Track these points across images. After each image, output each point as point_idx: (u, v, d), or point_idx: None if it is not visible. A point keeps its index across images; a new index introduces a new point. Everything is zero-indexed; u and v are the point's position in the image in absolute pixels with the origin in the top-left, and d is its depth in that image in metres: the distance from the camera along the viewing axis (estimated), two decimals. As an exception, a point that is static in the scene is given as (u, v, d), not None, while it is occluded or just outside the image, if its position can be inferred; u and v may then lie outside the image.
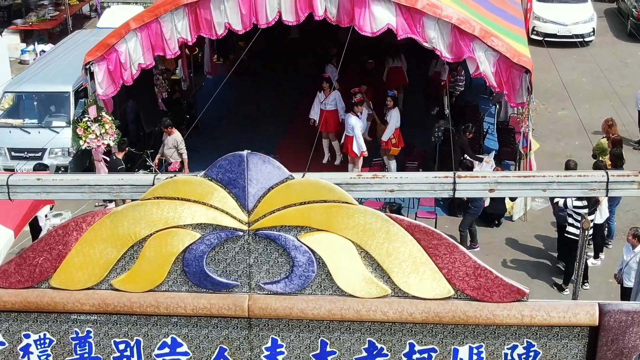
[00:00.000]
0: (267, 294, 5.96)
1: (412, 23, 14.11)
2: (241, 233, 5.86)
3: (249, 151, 5.80)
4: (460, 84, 17.72)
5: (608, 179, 5.72)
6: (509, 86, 14.05)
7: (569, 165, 13.33)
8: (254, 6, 14.39)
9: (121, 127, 16.84)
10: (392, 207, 12.05)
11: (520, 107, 14.34)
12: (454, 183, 5.78)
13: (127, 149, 15.24)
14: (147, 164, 16.43)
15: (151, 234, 5.90)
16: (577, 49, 23.48)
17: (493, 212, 14.58)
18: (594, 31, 24.29)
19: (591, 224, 11.92)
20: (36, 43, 23.68)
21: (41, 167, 14.34)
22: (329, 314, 5.89)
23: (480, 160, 14.87)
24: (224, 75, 21.99)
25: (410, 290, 5.82)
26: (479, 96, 18.43)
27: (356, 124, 15.27)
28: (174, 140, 15.51)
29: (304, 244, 5.82)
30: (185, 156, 15.60)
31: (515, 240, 14.44)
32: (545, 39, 23.34)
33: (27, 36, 24.92)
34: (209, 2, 14.44)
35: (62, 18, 25.06)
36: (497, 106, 17.37)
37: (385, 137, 15.67)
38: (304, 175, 5.83)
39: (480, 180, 5.77)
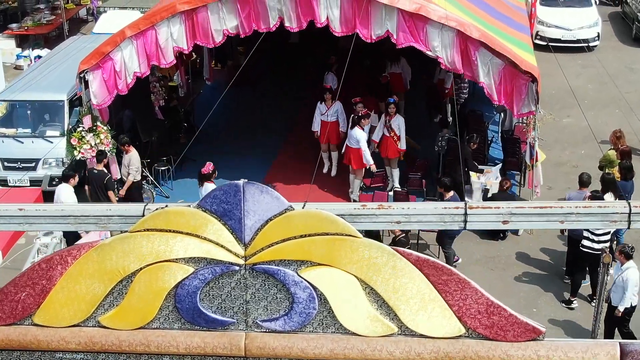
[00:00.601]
0: (265, 332, 5.59)
1: (414, 30, 13.71)
2: (237, 267, 5.49)
3: (246, 180, 5.43)
4: (464, 91, 17.34)
5: (630, 210, 5.34)
6: (513, 95, 13.65)
7: (583, 179, 12.92)
8: (254, 12, 13.99)
9: (117, 136, 16.50)
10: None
11: (525, 118, 13.94)
12: (465, 214, 5.41)
13: (106, 159, 14.48)
14: (144, 174, 16.08)
15: (141, 268, 5.54)
16: (582, 54, 23.11)
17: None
18: (598, 36, 23.90)
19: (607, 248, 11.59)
20: (31, 49, 23.26)
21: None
22: (331, 353, 5.52)
23: (482, 171, 14.47)
24: (223, 81, 21.73)
25: (418, 328, 5.46)
26: (482, 104, 18.00)
27: (362, 137, 14.82)
28: (129, 159, 14.69)
29: (305, 279, 5.46)
30: (131, 178, 14.72)
31: (520, 254, 14.04)
32: (550, 44, 22.97)
33: (23, 41, 24.52)
34: (206, 8, 14.04)
35: (59, 22, 24.65)
36: (502, 115, 16.97)
37: (403, 146, 15.29)
38: (304, 205, 5.46)
39: (494, 211, 5.39)
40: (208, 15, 14.05)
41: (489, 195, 14.36)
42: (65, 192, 13.39)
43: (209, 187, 13.77)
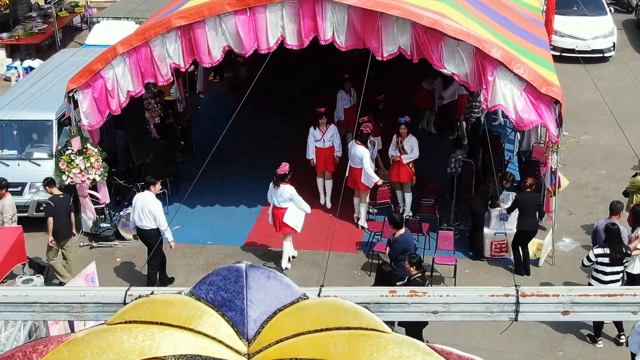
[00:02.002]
0: None
1: (428, 46, 12.75)
2: (239, 367, 4.49)
3: (248, 263, 4.44)
4: (477, 110, 16.31)
5: None
6: (537, 118, 12.69)
7: (614, 207, 11.92)
8: (254, 30, 13.03)
9: (110, 155, 15.53)
10: (412, 259, 10.65)
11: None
12: (517, 303, 4.42)
13: (57, 185, 13.21)
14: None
15: (122, 368, 4.52)
16: (597, 65, 22.16)
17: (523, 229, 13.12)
18: (614, 46, 22.91)
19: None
20: (21, 60, 22.24)
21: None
22: None
23: (509, 212, 13.34)
24: (221, 93, 20.71)
25: None
26: (496, 122, 17.07)
27: (365, 154, 13.85)
28: (1, 205, 12.86)
29: (321, 384, 4.45)
30: (7, 225, 12.61)
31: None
32: (563, 54, 22.03)
33: (14, 50, 23.53)
34: (204, 24, 13.08)
35: (51, 31, 23.67)
36: (519, 134, 15.99)
37: (406, 160, 14.31)
38: (319, 292, 4.47)
39: (552, 299, 4.40)
40: (206, 31, 13.10)
41: (507, 207, 13.30)
42: (152, 200, 12.67)
43: (285, 189, 13.01)
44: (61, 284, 12.63)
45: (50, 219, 12.70)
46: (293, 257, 13.75)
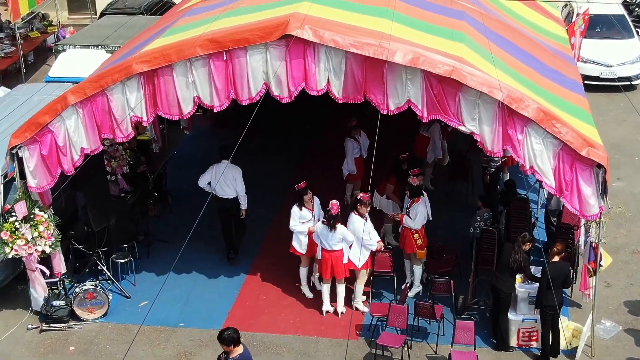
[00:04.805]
0: None
1: (443, 99, 10.50)
2: None
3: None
4: (496, 158, 13.89)
5: None
6: (575, 185, 10.45)
7: None
8: (231, 77, 10.77)
9: (69, 211, 13.31)
10: None
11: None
12: None
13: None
14: (99, 267, 12.84)
15: None
16: (624, 95, 19.82)
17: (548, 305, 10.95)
18: (643, 72, 20.59)
19: None
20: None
21: None
22: None
23: (536, 279, 11.22)
24: (203, 129, 18.26)
25: None
26: (519, 173, 14.75)
27: (359, 228, 11.55)
28: None
29: None
30: None
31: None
32: (585, 82, 19.68)
33: (-21, 76, 21.25)
34: (171, 70, 10.81)
35: (17, 57, 21.39)
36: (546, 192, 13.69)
37: (408, 224, 12.10)
38: None
39: None
40: (173, 78, 10.83)
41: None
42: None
43: (340, 229, 11.46)
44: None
45: None
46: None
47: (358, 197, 11.74)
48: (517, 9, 14.91)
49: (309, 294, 12.47)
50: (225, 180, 12.67)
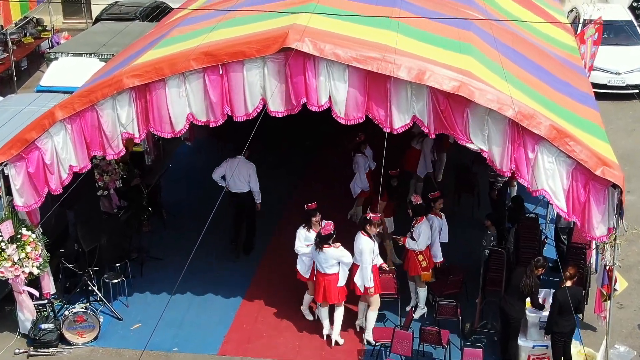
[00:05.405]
0: None
1: (450, 115, 9.97)
2: None
3: None
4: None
5: None
6: (588, 206, 9.91)
7: None
8: (227, 92, 10.24)
9: (59, 229, 12.77)
10: None
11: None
12: None
13: None
14: (89, 288, 12.31)
15: None
16: (633, 103, 19.30)
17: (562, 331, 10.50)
18: (652, 80, 20.04)
19: None
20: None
21: None
22: None
23: (542, 307, 10.72)
24: (200, 139, 17.61)
25: None
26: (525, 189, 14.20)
27: (365, 248, 11.00)
28: None
29: None
30: None
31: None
32: (593, 90, 19.13)
33: (-30, 84, 20.75)
34: (163, 84, 10.28)
35: (9, 64, 20.86)
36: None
37: (409, 246, 11.55)
38: None
39: None
40: (166, 93, 10.30)
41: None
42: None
43: (329, 252, 10.79)
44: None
45: None
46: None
47: (368, 217, 11.11)
48: (525, 16, 14.38)
49: (309, 317, 11.92)
50: (239, 176, 12.72)
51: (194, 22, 12.07)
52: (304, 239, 11.38)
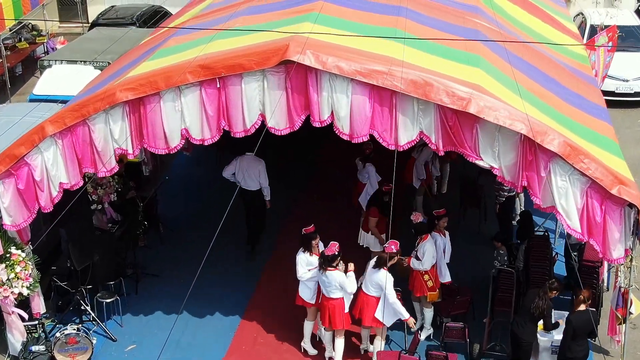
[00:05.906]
0: None
1: (459, 131, 9.51)
2: None
3: None
4: (506, 187, 12.78)
5: None
6: (603, 227, 9.45)
7: None
8: (224, 106, 9.78)
9: (50, 246, 12.31)
10: None
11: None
12: None
13: None
14: (82, 307, 11.85)
15: None
16: (641, 111, 18.90)
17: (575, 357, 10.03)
18: (662, 88, 19.58)
19: None
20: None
21: None
22: None
23: (557, 326, 10.28)
24: (200, 150, 17.03)
25: None
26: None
27: (388, 283, 10.35)
28: None
29: None
30: None
31: None
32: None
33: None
34: (158, 98, 9.83)
35: (2, 70, 20.39)
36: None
37: (414, 266, 11.08)
38: None
39: None
40: (160, 107, 9.84)
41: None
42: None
43: (333, 275, 10.21)
44: None
45: None
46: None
47: (386, 255, 10.36)
48: (533, 24, 13.93)
49: (312, 351, 11.27)
50: (249, 174, 12.70)
51: (191, 32, 11.59)
52: (305, 264, 10.78)
